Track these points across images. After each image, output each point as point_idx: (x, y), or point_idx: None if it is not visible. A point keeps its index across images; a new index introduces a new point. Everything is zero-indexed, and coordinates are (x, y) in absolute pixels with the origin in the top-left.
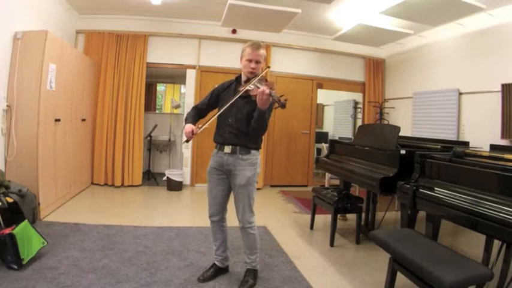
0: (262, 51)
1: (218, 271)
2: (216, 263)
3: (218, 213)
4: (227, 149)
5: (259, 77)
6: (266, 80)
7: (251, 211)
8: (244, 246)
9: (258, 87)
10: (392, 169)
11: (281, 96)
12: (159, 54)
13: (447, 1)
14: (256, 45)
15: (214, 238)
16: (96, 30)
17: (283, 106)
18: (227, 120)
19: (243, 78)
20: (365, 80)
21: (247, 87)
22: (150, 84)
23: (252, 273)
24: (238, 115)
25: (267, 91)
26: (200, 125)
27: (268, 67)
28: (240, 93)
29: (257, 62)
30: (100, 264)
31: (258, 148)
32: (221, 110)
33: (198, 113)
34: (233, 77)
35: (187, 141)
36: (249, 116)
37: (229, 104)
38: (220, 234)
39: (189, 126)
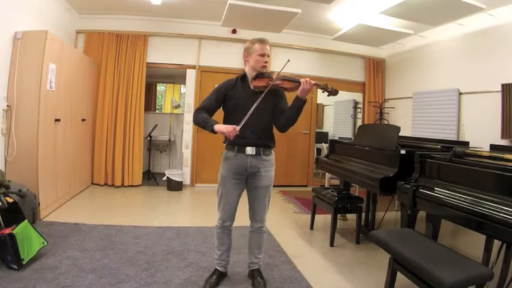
0: (269, 46)
1: (221, 276)
2: (219, 268)
3: (230, 219)
4: (250, 150)
5: (280, 70)
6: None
7: (267, 209)
8: (254, 246)
9: (292, 80)
10: (392, 169)
11: (326, 84)
12: (159, 54)
13: (447, 1)
14: (265, 40)
15: (220, 243)
16: (96, 30)
17: (335, 93)
18: (248, 120)
19: (251, 74)
20: (365, 80)
21: (276, 82)
22: (150, 84)
23: (259, 273)
24: (260, 113)
25: (312, 81)
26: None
27: (289, 60)
28: (269, 87)
29: (268, 56)
30: (100, 264)
31: (274, 146)
32: (252, 108)
33: (210, 115)
34: (232, 77)
35: (227, 140)
36: (272, 112)
37: (258, 101)
38: (227, 239)
39: (228, 126)
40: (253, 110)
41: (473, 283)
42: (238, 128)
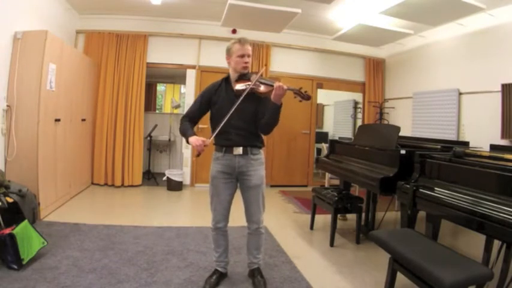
0: (250, 46)
1: (221, 277)
2: (219, 268)
3: (224, 219)
4: (237, 150)
5: (259, 74)
6: (261, 75)
7: (263, 210)
8: (253, 247)
9: (268, 84)
10: (392, 169)
11: (300, 88)
12: (159, 54)
13: (447, 1)
14: (243, 40)
15: (216, 245)
16: (96, 30)
17: (307, 98)
18: (230, 122)
19: (234, 76)
20: (365, 80)
21: (253, 86)
22: (150, 84)
23: (259, 272)
24: (242, 115)
25: (285, 86)
26: (209, 136)
27: (265, 65)
28: (246, 92)
29: (248, 56)
30: (100, 264)
31: (263, 146)
32: (229, 113)
33: (193, 123)
34: (217, 79)
35: (198, 155)
36: (254, 114)
37: (236, 105)
38: (223, 240)
39: (197, 139)
40: (236, 113)
41: (473, 283)
42: (208, 141)
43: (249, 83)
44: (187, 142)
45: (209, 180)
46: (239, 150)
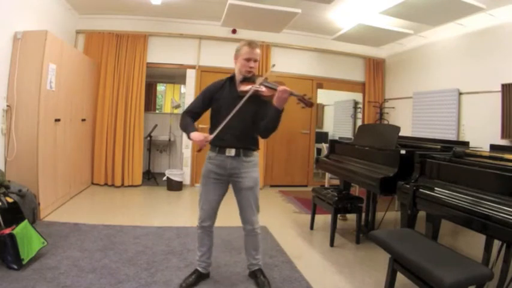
0: (259, 50)
1: (200, 277)
2: (199, 268)
3: (210, 219)
4: (230, 152)
5: (264, 77)
6: (266, 79)
7: (258, 211)
8: (250, 248)
9: (271, 87)
10: (392, 169)
11: (304, 95)
12: (159, 54)
13: (447, 1)
14: (254, 44)
15: (200, 244)
16: (96, 30)
17: (310, 105)
18: (229, 122)
19: (239, 77)
20: (365, 80)
21: (257, 88)
22: (150, 84)
23: (262, 272)
24: (242, 116)
25: (289, 90)
26: (213, 133)
27: (274, 65)
28: (249, 94)
29: (255, 61)
30: (100, 264)
31: (258, 149)
32: (231, 114)
33: (194, 118)
34: (222, 78)
35: (199, 150)
36: (253, 117)
37: (239, 105)
38: (208, 240)
39: (199, 134)
40: (235, 113)
41: (473, 283)
42: (210, 137)
43: (253, 85)
44: (189, 137)
45: (200, 178)
46: (231, 151)
